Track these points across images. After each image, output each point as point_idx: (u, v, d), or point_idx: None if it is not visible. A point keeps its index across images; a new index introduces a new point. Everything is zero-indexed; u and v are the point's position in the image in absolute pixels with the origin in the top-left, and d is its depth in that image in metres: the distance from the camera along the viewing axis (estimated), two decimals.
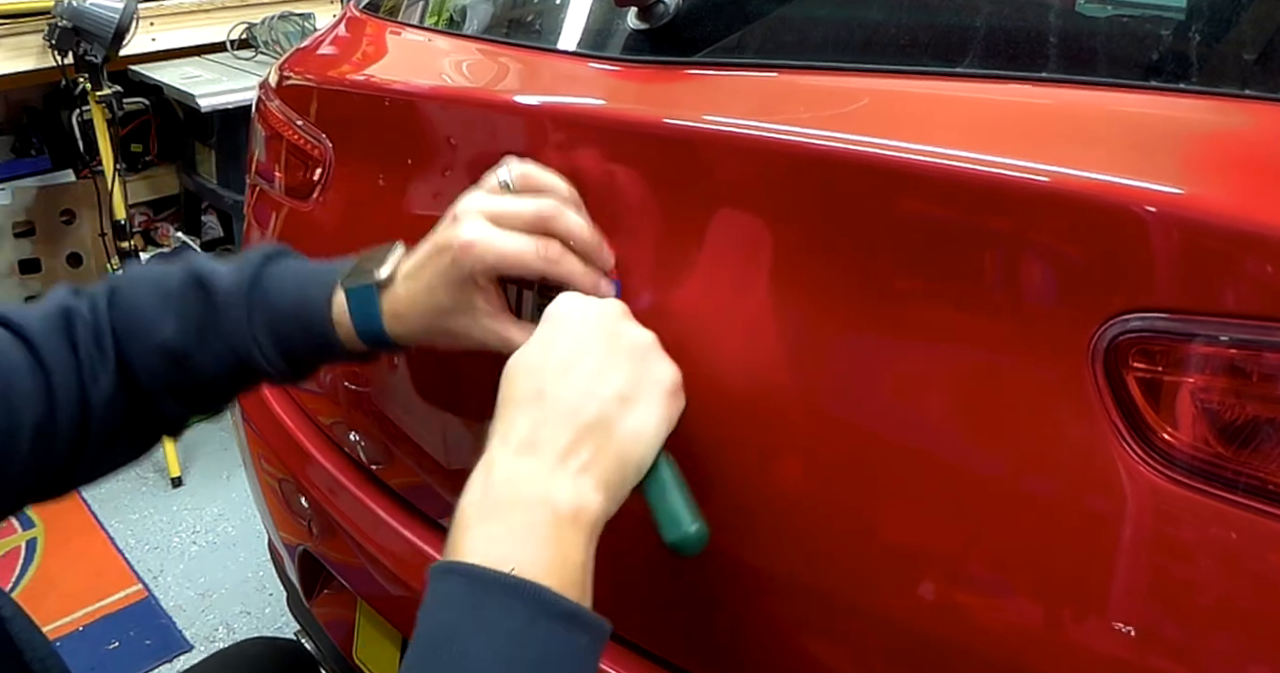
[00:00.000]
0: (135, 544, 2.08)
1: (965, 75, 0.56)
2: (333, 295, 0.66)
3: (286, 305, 0.66)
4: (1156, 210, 0.44)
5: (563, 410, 0.53)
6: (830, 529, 0.58)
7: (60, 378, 0.63)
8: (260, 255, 0.69)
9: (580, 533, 0.51)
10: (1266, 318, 0.42)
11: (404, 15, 1.01)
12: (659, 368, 0.57)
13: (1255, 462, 0.44)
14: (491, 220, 0.62)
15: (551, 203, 0.63)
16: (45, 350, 0.63)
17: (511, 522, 0.50)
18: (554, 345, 0.56)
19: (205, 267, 0.68)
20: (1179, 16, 0.54)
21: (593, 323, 0.57)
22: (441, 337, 0.66)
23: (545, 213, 0.62)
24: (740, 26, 0.69)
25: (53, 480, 0.65)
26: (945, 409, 0.53)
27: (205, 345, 0.66)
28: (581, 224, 0.64)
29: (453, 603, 0.48)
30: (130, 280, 0.68)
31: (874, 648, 0.57)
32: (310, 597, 1.17)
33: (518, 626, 0.46)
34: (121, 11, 1.94)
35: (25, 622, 0.60)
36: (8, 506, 0.63)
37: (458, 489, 0.84)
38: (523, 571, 0.48)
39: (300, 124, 0.98)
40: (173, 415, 0.69)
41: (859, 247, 0.55)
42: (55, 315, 0.65)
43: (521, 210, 0.62)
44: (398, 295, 0.65)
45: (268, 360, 0.66)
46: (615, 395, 0.54)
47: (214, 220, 2.83)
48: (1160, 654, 0.46)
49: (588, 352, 0.55)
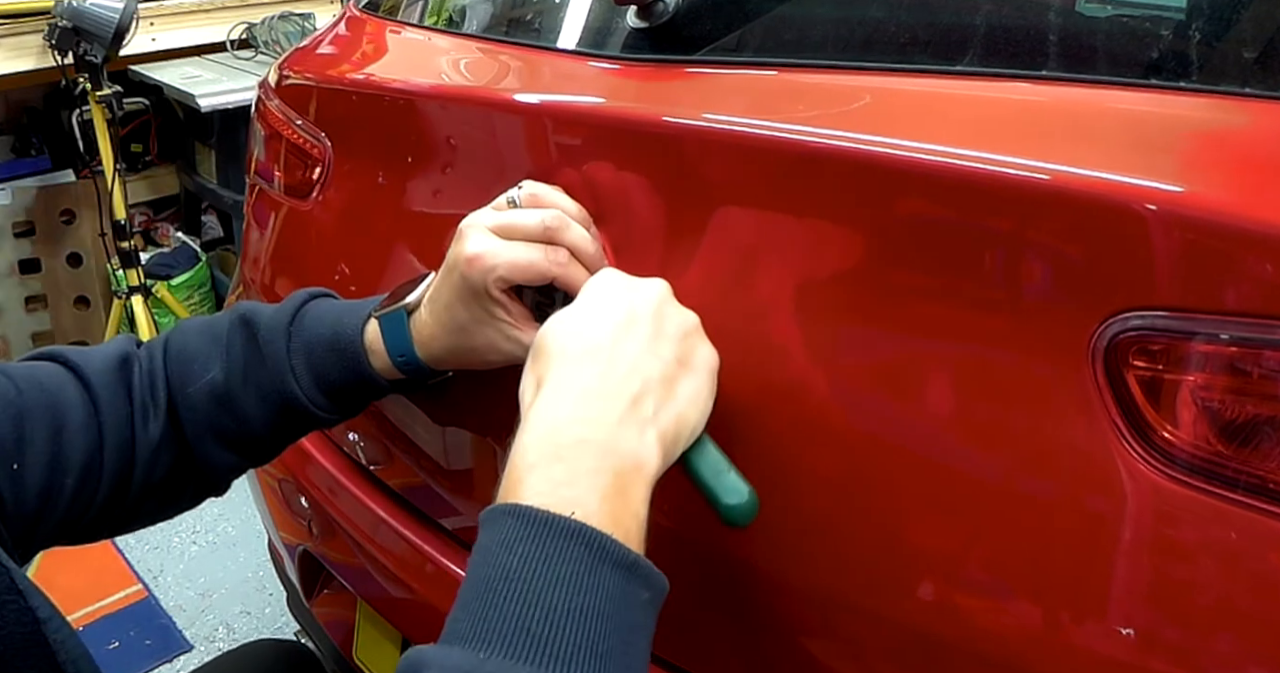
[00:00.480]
0: (135, 544, 2.08)
1: (965, 74, 0.56)
2: (365, 325, 0.67)
3: (323, 338, 0.68)
4: (1157, 209, 0.44)
5: (628, 363, 0.52)
6: (830, 529, 0.57)
7: (111, 420, 0.65)
8: (304, 294, 0.71)
9: (643, 485, 0.49)
10: (1267, 316, 0.42)
11: (404, 14, 1.01)
12: (704, 348, 0.57)
13: (1256, 460, 0.44)
14: (496, 233, 0.62)
15: (556, 213, 0.63)
16: (100, 391, 0.65)
17: (576, 466, 0.48)
18: (606, 310, 0.55)
19: (252, 307, 0.70)
20: (1179, 16, 0.54)
21: (642, 298, 0.56)
22: (470, 355, 0.66)
23: (551, 223, 0.62)
24: (740, 25, 0.69)
25: (90, 523, 0.66)
26: (945, 408, 0.52)
27: (249, 382, 0.68)
28: (586, 237, 0.64)
29: (511, 545, 0.45)
30: (184, 329, 0.71)
31: (874, 649, 0.57)
32: (310, 597, 1.17)
33: (579, 571, 0.44)
34: (121, 11, 1.94)
35: (60, 623, 0.61)
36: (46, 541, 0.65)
37: (458, 489, 0.84)
38: (586, 517, 0.46)
39: (300, 123, 0.98)
40: (218, 463, 0.70)
41: (859, 246, 0.55)
42: (114, 359, 0.67)
43: (527, 222, 0.62)
44: (423, 319, 0.66)
45: (306, 395, 0.68)
46: (674, 359, 0.54)
47: (214, 220, 2.83)
48: (1160, 655, 0.46)
49: (640, 321, 0.54)
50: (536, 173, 0.71)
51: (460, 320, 0.64)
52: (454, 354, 0.66)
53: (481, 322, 0.64)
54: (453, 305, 0.64)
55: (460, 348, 0.66)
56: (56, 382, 0.64)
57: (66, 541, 0.66)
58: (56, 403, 0.63)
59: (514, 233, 0.62)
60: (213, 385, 0.67)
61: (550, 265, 0.62)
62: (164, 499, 0.71)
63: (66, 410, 0.63)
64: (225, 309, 0.73)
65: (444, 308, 0.65)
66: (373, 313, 0.68)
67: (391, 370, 0.68)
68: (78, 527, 0.66)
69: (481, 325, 0.64)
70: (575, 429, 0.49)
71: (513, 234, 0.62)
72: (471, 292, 0.63)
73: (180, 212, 2.81)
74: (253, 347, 0.68)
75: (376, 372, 0.68)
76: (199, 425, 0.68)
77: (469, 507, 0.84)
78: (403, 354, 0.67)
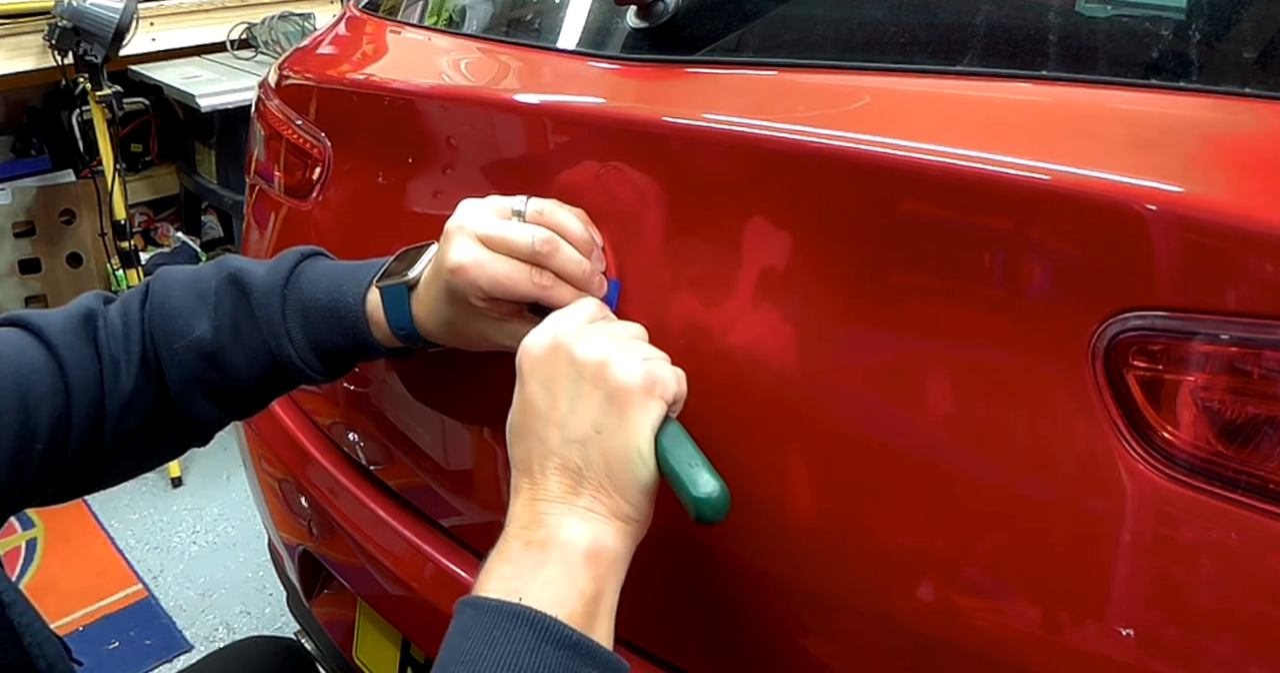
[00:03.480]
0: (135, 544, 2.08)
1: (965, 74, 0.56)
2: (367, 293, 0.68)
3: (321, 302, 0.68)
4: (1157, 209, 0.44)
5: (554, 461, 0.55)
6: (830, 529, 0.57)
7: (78, 381, 0.64)
8: (296, 254, 0.70)
9: (597, 568, 0.52)
10: (1267, 316, 0.42)
11: (404, 14, 1.01)
12: (624, 374, 0.54)
13: (1256, 461, 0.44)
14: (483, 242, 0.62)
15: (549, 237, 0.62)
16: (64, 352, 0.64)
17: (523, 562, 0.52)
18: (525, 390, 0.57)
19: (241, 265, 0.69)
20: (1179, 16, 0.54)
21: (551, 357, 0.56)
22: (462, 341, 0.68)
23: (540, 248, 0.62)
24: (739, 25, 0.69)
25: (65, 481, 0.66)
26: (945, 408, 0.52)
27: (239, 342, 0.67)
28: (577, 260, 0.63)
29: (467, 631, 0.50)
30: (165, 282, 0.70)
31: (874, 649, 0.57)
32: (310, 597, 1.17)
33: (522, 651, 0.48)
34: (121, 11, 1.94)
35: (24, 606, 0.62)
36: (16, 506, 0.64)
37: (457, 489, 0.84)
38: (532, 601, 0.50)
39: (300, 123, 0.98)
40: (203, 417, 0.70)
41: (859, 245, 0.55)
42: (78, 318, 0.66)
43: (517, 240, 0.62)
44: (420, 298, 0.67)
45: (300, 356, 0.68)
46: (591, 429, 0.54)
47: (214, 220, 2.83)
48: (1161, 655, 0.46)
49: (553, 390, 0.56)
50: (536, 173, 0.71)
51: (447, 315, 0.65)
52: (447, 339, 0.68)
53: (469, 318, 0.65)
54: (442, 302, 0.65)
55: (452, 335, 0.67)
56: (18, 348, 0.64)
57: (38, 502, 0.66)
58: (19, 370, 0.62)
59: (501, 247, 0.62)
60: (200, 343, 0.67)
61: (533, 287, 0.62)
62: (142, 452, 0.70)
63: (31, 377, 0.62)
64: (209, 262, 0.72)
65: (434, 300, 0.65)
66: (375, 282, 0.68)
67: (390, 339, 0.68)
68: (48, 488, 0.65)
69: (470, 321, 0.65)
70: (524, 534, 0.53)
71: (500, 248, 0.62)
72: (454, 295, 0.64)
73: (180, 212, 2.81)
74: (244, 306, 0.68)
75: (376, 340, 0.68)
76: (184, 381, 0.67)
77: (469, 507, 0.84)
78: (403, 327, 0.67)
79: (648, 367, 0.55)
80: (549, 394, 0.56)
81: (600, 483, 0.54)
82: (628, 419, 0.54)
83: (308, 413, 1.07)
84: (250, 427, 1.16)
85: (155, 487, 2.26)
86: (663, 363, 0.57)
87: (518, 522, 0.54)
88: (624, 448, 0.54)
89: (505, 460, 0.59)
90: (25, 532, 2.10)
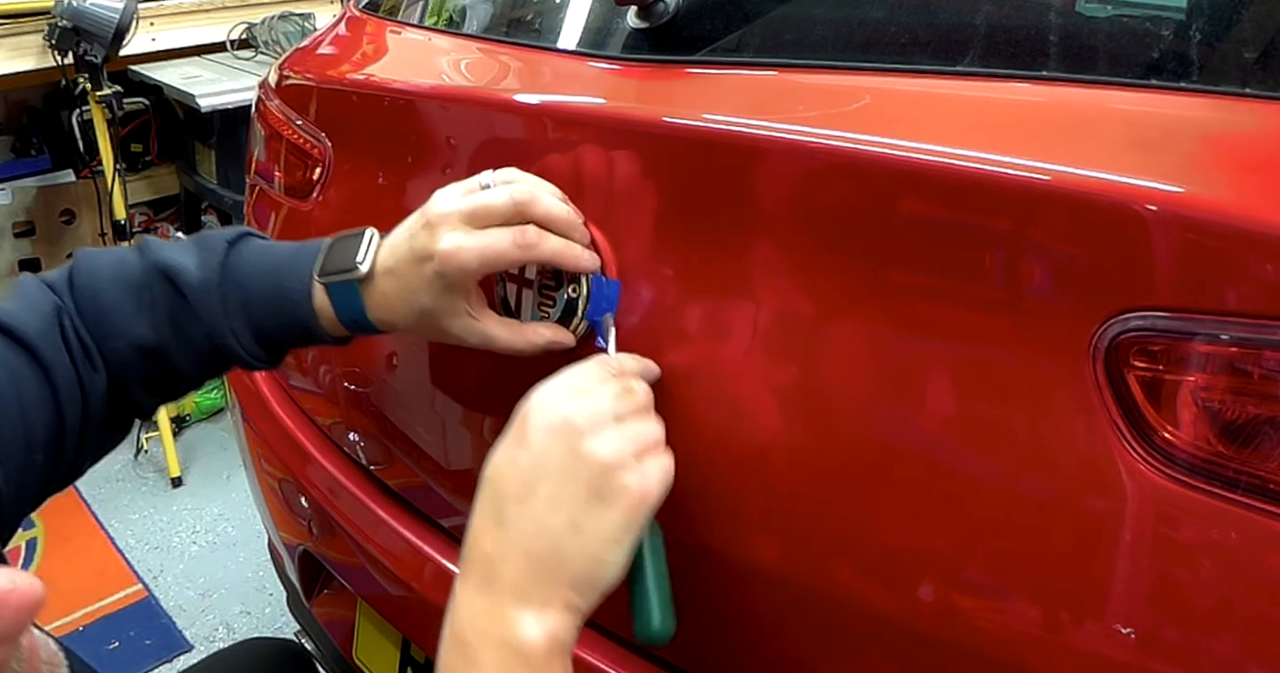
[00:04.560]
0: (135, 544, 2.08)
1: (965, 74, 0.56)
2: (311, 288, 0.66)
3: (263, 297, 0.66)
4: (1157, 209, 0.44)
5: (520, 547, 0.53)
6: (831, 530, 0.57)
7: (61, 378, 0.63)
8: (223, 242, 0.67)
9: (553, 660, 0.52)
10: (1267, 316, 0.42)
11: (404, 15, 1.01)
12: (627, 481, 0.53)
13: (1256, 461, 0.44)
14: (467, 220, 0.62)
15: (524, 187, 0.63)
16: (45, 354, 0.62)
17: (481, 662, 0.51)
18: (515, 461, 0.55)
19: (168, 259, 0.66)
20: (1179, 16, 0.54)
21: (556, 439, 0.54)
22: (423, 331, 0.67)
23: (520, 197, 0.62)
24: (740, 25, 0.69)
25: (65, 475, 0.65)
26: (946, 408, 0.52)
27: (181, 340, 0.66)
28: (560, 208, 0.64)
29: None
30: (90, 273, 0.66)
31: (874, 649, 0.57)
32: (310, 597, 1.17)
33: None
34: (121, 11, 1.94)
35: None
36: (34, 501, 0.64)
37: (457, 489, 0.84)
38: None
39: (300, 123, 0.98)
40: (145, 406, 0.69)
41: (859, 246, 0.55)
42: (49, 314, 0.64)
43: (496, 202, 0.62)
44: (379, 290, 0.65)
45: (246, 350, 0.67)
46: (569, 525, 0.53)
47: (214, 220, 2.83)
48: (1161, 655, 0.46)
49: (545, 474, 0.53)
50: (537, 173, 0.71)
51: (425, 306, 0.64)
52: (407, 327, 0.67)
53: (445, 311, 0.64)
54: (419, 292, 0.64)
55: (416, 325, 0.66)
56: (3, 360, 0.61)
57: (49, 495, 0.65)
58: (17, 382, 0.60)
59: (484, 216, 0.62)
60: (142, 342, 0.65)
61: (517, 250, 0.62)
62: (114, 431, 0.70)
63: (22, 383, 0.61)
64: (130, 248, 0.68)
65: (409, 290, 0.64)
66: (318, 279, 0.66)
67: (339, 329, 0.67)
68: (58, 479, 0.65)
69: (447, 315, 0.65)
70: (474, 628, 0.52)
71: (482, 219, 0.62)
72: (445, 285, 0.63)
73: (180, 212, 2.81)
74: (181, 303, 0.65)
75: (324, 331, 0.67)
76: (129, 375, 0.66)
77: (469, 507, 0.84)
78: (354, 319, 0.66)
79: (648, 479, 0.54)
80: (539, 463, 0.54)
81: (560, 579, 0.52)
82: (615, 528, 0.53)
83: (308, 413, 1.07)
84: (250, 427, 1.16)
85: (155, 487, 2.26)
86: (663, 469, 0.55)
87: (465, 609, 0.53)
88: (602, 553, 0.53)
89: None
90: (25, 532, 2.10)
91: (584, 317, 0.66)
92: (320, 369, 1.01)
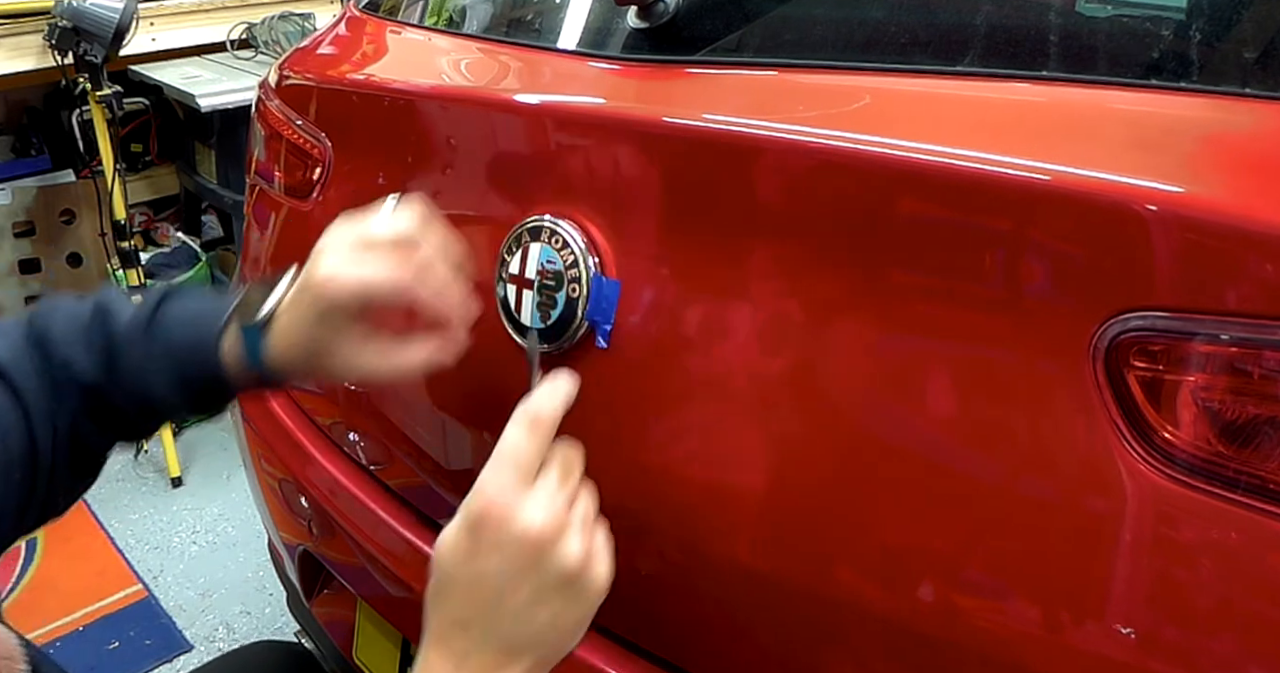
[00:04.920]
0: (135, 544, 2.08)
1: (965, 74, 0.56)
2: (223, 333, 0.64)
3: (182, 345, 0.65)
4: (1157, 209, 0.44)
5: (492, 643, 0.54)
6: (831, 529, 0.57)
7: (33, 403, 0.62)
8: (158, 294, 0.67)
9: None
10: (1267, 316, 0.42)
11: (404, 15, 1.01)
12: (595, 573, 0.55)
13: (1256, 461, 0.44)
14: (356, 247, 0.61)
15: (413, 214, 0.62)
16: (18, 380, 0.62)
17: None
18: (482, 572, 0.54)
19: (111, 300, 0.66)
20: (1179, 16, 0.54)
21: (521, 551, 0.53)
22: (326, 373, 0.65)
23: (407, 225, 0.62)
24: (740, 25, 0.69)
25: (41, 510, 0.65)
26: (946, 408, 0.52)
27: (115, 382, 0.65)
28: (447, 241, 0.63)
29: None
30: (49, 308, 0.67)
31: (874, 649, 0.57)
32: (310, 597, 1.17)
33: None
34: (121, 11, 1.94)
35: None
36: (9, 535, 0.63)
37: (458, 489, 0.84)
38: None
39: (300, 123, 0.98)
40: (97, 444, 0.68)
41: (859, 246, 0.55)
42: (19, 342, 0.64)
43: (382, 230, 0.61)
44: (278, 329, 0.63)
45: (165, 396, 0.65)
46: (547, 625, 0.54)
47: (214, 220, 2.83)
48: (1161, 655, 0.46)
49: (517, 586, 0.53)
50: (536, 173, 0.71)
51: (316, 338, 0.62)
52: (310, 370, 0.65)
53: (328, 347, 0.63)
54: (304, 327, 0.62)
55: (317, 366, 0.64)
56: None
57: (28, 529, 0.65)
58: None
59: (369, 244, 0.61)
60: (84, 378, 0.64)
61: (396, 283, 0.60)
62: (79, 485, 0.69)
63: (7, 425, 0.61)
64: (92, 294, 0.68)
65: (296, 328, 0.62)
66: (228, 320, 0.64)
67: (248, 377, 0.65)
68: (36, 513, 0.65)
69: (328, 351, 0.63)
70: None
71: (368, 246, 0.61)
72: (321, 315, 0.61)
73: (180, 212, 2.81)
74: (113, 343, 0.65)
75: (231, 379, 0.65)
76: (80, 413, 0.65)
77: None
78: (258, 367, 0.64)
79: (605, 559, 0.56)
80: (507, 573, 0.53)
81: (537, 660, 0.54)
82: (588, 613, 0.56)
83: (308, 413, 1.07)
84: (250, 427, 1.16)
85: (155, 487, 2.26)
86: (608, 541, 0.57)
87: None
88: (576, 634, 0.56)
89: None
90: None
91: (584, 317, 0.66)
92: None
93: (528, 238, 0.69)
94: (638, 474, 0.66)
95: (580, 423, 0.63)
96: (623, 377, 0.66)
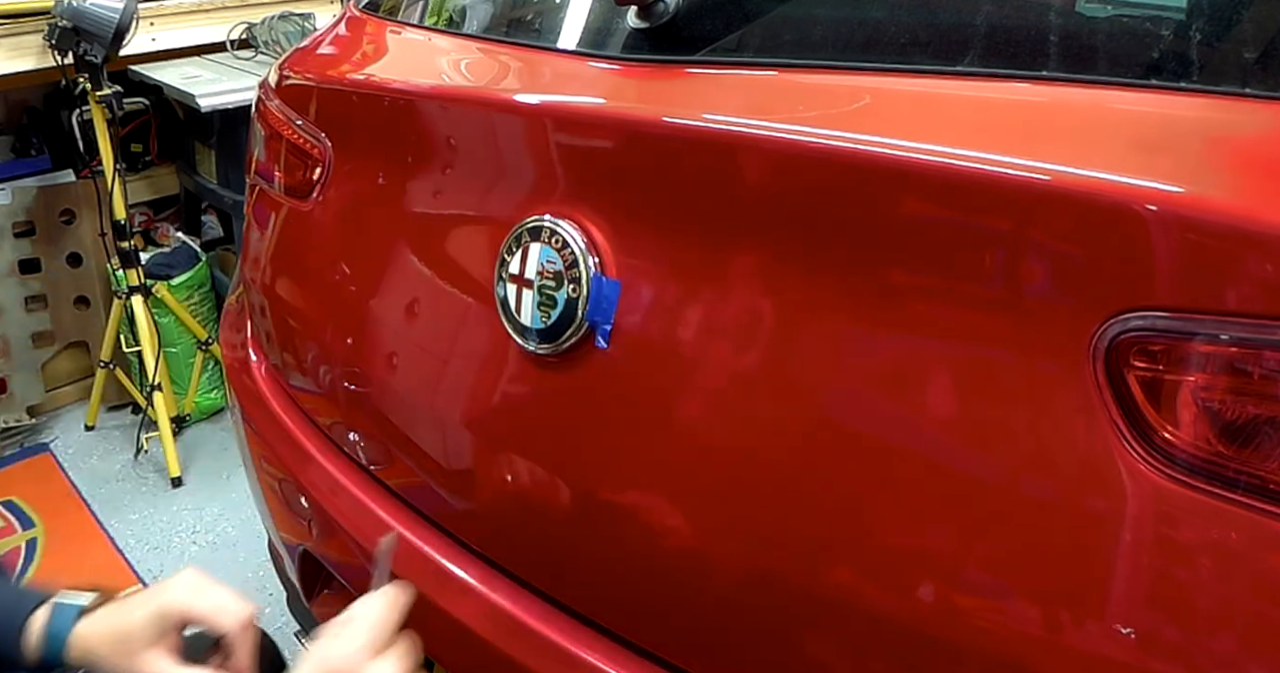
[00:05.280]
0: (135, 544, 2.08)
1: (965, 74, 0.56)
2: (36, 608, 0.70)
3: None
4: (1157, 209, 0.44)
5: None
6: (831, 529, 0.57)
7: None
8: None
9: None
10: (1267, 316, 0.42)
11: (404, 15, 1.01)
12: None
13: (1256, 461, 0.44)
14: None
15: None
16: None
17: None
18: None
19: None
20: (1179, 16, 0.54)
21: None
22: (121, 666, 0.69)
23: None
24: (740, 25, 0.69)
25: None
26: (946, 408, 0.52)
27: None
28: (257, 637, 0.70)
29: None
30: None
31: (874, 649, 0.57)
32: (310, 597, 1.17)
33: None
34: (121, 11, 1.94)
35: None
36: None
37: (457, 489, 0.84)
38: None
39: (300, 124, 0.98)
40: None
41: (859, 246, 0.55)
42: None
43: None
44: (99, 617, 0.70)
45: None
46: None
47: (214, 220, 2.83)
48: (1161, 655, 0.46)
49: None
50: (536, 173, 0.71)
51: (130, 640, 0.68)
52: (110, 659, 0.69)
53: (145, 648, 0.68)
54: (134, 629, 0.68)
55: (120, 657, 0.68)
56: None
57: None
58: None
59: None
60: None
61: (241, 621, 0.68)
62: None
63: None
64: None
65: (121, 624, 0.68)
66: (47, 598, 0.70)
67: (35, 658, 0.69)
68: None
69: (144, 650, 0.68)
70: None
71: None
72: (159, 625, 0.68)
73: (180, 212, 2.81)
74: None
75: (23, 658, 0.69)
76: None
77: (469, 507, 0.84)
78: (56, 653, 0.68)
79: None
80: None
81: None
82: None
83: (308, 413, 1.07)
84: (250, 427, 1.16)
85: (155, 487, 2.26)
86: None
87: None
88: None
89: (505, 460, 0.59)
90: (25, 532, 2.10)
91: (584, 317, 0.66)
92: (320, 369, 1.01)
93: (528, 238, 0.69)
94: (637, 474, 0.66)
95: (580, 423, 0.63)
96: (622, 377, 0.66)
